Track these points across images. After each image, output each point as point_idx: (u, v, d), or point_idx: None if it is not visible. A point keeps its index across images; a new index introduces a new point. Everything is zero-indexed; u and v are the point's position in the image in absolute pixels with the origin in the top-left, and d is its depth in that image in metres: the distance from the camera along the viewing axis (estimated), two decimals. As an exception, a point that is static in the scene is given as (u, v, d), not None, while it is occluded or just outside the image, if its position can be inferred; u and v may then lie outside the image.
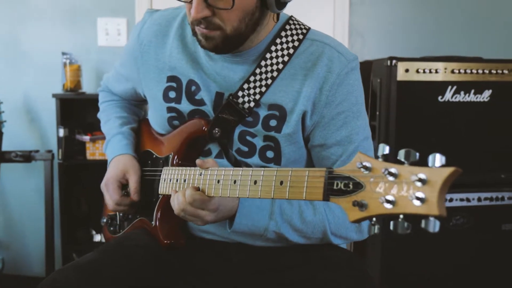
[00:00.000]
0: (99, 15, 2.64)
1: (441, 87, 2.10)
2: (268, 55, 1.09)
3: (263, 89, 1.09)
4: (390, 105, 2.09)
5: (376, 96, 2.13)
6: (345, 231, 1.11)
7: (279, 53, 1.09)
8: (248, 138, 1.12)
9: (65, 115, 2.47)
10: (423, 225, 0.65)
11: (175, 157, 1.16)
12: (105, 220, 1.33)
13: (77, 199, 2.63)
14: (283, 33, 1.11)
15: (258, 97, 1.09)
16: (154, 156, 1.22)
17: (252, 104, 1.09)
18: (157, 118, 1.21)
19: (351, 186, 0.73)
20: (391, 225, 0.69)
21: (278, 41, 1.10)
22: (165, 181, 1.14)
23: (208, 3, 0.98)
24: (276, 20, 1.12)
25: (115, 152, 1.26)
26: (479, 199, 2.13)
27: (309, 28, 1.14)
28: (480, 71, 2.11)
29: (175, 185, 1.10)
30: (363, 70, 1.16)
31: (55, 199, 2.53)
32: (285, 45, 1.10)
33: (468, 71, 2.11)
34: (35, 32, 2.66)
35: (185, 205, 1.00)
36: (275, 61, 1.09)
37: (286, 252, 1.13)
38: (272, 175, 0.88)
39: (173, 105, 1.17)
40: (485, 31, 2.70)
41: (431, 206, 0.64)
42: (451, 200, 2.12)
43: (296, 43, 1.10)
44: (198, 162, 1.03)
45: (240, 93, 1.10)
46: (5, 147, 2.55)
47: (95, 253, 1.10)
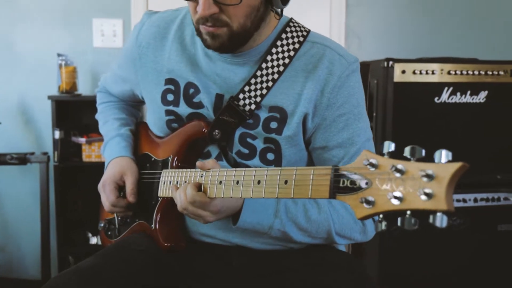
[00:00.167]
0: (95, 16, 2.62)
1: (438, 88, 2.11)
2: (269, 57, 1.09)
3: (264, 91, 1.09)
4: (386, 106, 2.09)
5: (373, 97, 2.14)
6: (350, 231, 1.11)
7: (280, 55, 1.09)
8: (248, 140, 1.11)
9: (60, 117, 2.45)
10: (431, 220, 0.65)
11: (175, 159, 1.15)
12: (102, 224, 1.32)
13: (73, 201, 2.61)
14: (283, 35, 1.11)
15: (259, 99, 1.09)
16: (152, 159, 1.21)
17: (253, 106, 1.09)
18: (156, 120, 1.21)
19: (357, 183, 0.73)
20: (398, 221, 0.69)
21: (279, 43, 1.10)
22: (164, 183, 1.13)
23: (215, 0, 0.98)
24: (280, 16, 1.12)
25: (114, 154, 1.25)
26: (475, 200, 2.14)
27: (309, 30, 1.14)
28: (476, 73, 2.13)
29: (175, 188, 1.08)
30: (360, 71, 1.16)
31: (51, 202, 2.51)
32: (285, 47, 1.10)
33: (464, 72, 2.12)
34: (30, 33, 2.64)
35: (187, 204, 1.00)
36: (276, 63, 1.09)
37: (286, 255, 1.13)
38: (276, 174, 0.88)
39: (171, 108, 1.16)
40: (480, 32, 2.72)
41: (440, 201, 0.64)
42: (448, 200, 2.12)
43: (296, 45, 1.10)
44: (198, 164, 1.02)
45: (241, 95, 1.09)
46: (0, 149, 2.54)
47: (94, 258, 1.09)
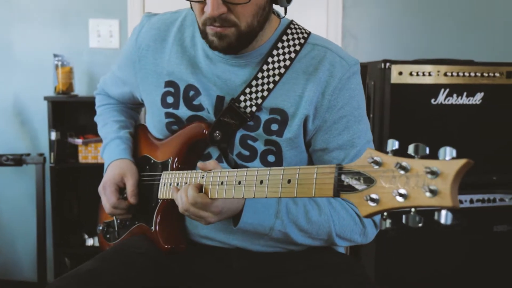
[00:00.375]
0: (91, 16, 2.61)
1: (434, 89, 2.12)
2: (270, 59, 1.09)
3: (265, 93, 1.09)
4: (384, 108, 2.10)
5: (370, 98, 2.15)
6: (350, 233, 1.11)
7: (281, 57, 1.10)
8: (249, 142, 1.11)
9: (57, 118, 2.44)
10: (436, 217, 0.66)
11: (175, 161, 1.14)
12: (101, 227, 1.31)
13: (69, 203, 2.60)
14: (284, 37, 1.11)
15: (260, 101, 1.09)
16: (152, 161, 1.21)
17: (254, 108, 1.09)
18: (156, 123, 1.20)
19: (362, 181, 0.73)
20: (403, 218, 0.69)
21: (280, 45, 1.10)
22: (165, 185, 1.13)
23: (224, 0, 0.97)
24: (284, 15, 1.12)
25: (113, 156, 1.25)
26: (471, 201, 2.15)
27: (310, 32, 1.14)
28: (472, 74, 2.14)
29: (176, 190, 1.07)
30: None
31: (47, 203, 2.49)
32: (286, 49, 1.10)
33: (460, 74, 2.13)
34: (25, 33, 2.63)
35: (188, 205, 0.99)
36: (277, 65, 1.09)
37: (286, 258, 1.13)
38: (279, 174, 0.88)
39: (171, 110, 1.16)
40: (476, 33, 2.74)
41: (445, 198, 0.64)
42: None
43: (297, 47, 1.10)
44: (200, 165, 1.01)
45: (242, 97, 1.09)
46: (-4, 150, 2.53)
47: (94, 261, 1.08)
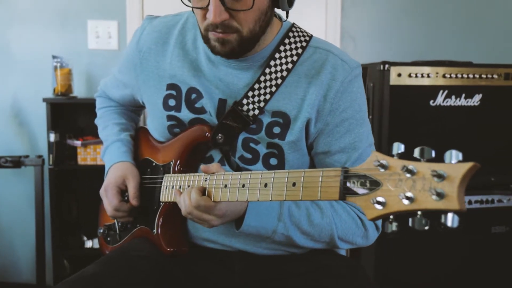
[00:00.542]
0: (90, 17, 2.61)
1: (433, 91, 2.13)
2: (272, 62, 1.09)
3: (268, 96, 1.09)
4: (383, 109, 2.11)
5: (369, 100, 2.15)
6: (352, 236, 1.11)
7: (283, 60, 1.10)
8: (251, 145, 1.11)
9: (56, 120, 2.43)
10: (442, 220, 0.66)
11: (177, 164, 1.14)
12: (101, 230, 1.30)
13: (68, 205, 2.59)
14: (286, 40, 1.11)
15: (262, 104, 1.09)
16: (153, 163, 1.20)
17: (256, 111, 1.09)
18: (157, 126, 1.20)
19: (368, 184, 0.74)
20: (409, 221, 0.69)
21: (282, 48, 1.10)
22: (167, 188, 1.12)
23: (226, 6, 0.97)
24: (286, 18, 1.12)
25: (114, 159, 1.24)
26: (470, 202, 2.16)
27: (311, 35, 1.15)
28: (470, 76, 2.15)
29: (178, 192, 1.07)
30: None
31: (46, 205, 2.49)
32: (289, 52, 1.10)
33: (459, 76, 2.14)
34: (24, 34, 2.62)
35: (191, 208, 0.99)
36: (279, 68, 1.09)
37: (288, 260, 1.13)
38: (283, 177, 0.88)
39: (173, 113, 1.16)
40: (475, 35, 2.75)
41: (452, 201, 0.65)
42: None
43: (299, 50, 1.10)
44: (203, 167, 1.01)
45: (244, 101, 1.09)
46: (-6, 152, 2.52)
47: (97, 265, 1.08)
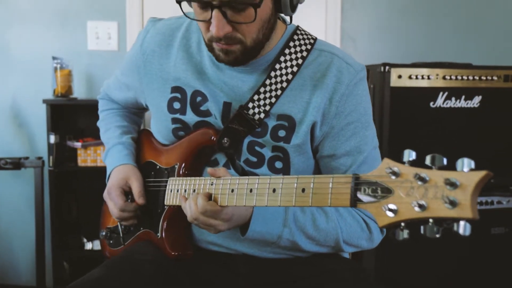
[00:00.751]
0: (89, 18, 2.60)
1: (433, 93, 2.14)
2: (277, 66, 1.09)
3: (273, 100, 1.09)
4: (383, 111, 2.12)
5: (369, 102, 2.16)
6: (357, 239, 1.11)
7: (288, 63, 1.09)
8: (256, 148, 1.11)
9: (56, 121, 2.42)
10: (455, 228, 0.66)
11: (182, 167, 1.13)
12: (104, 233, 1.29)
13: (68, 206, 2.58)
14: (291, 43, 1.11)
15: (268, 108, 1.09)
16: (157, 166, 1.20)
17: (262, 115, 1.09)
18: (161, 128, 1.19)
19: (379, 191, 0.74)
20: (421, 229, 0.70)
21: (287, 51, 1.10)
22: (171, 191, 1.12)
23: (228, 19, 0.97)
24: (289, 23, 1.12)
25: (115, 162, 1.24)
26: (469, 203, 2.17)
27: (316, 38, 1.14)
28: (470, 78, 2.16)
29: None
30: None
31: (46, 207, 2.48)
32: (294, 56, 1.10)
33: (459, 78, 2.15)
34: (23, 35, 2.60)
35: (198, 214, 0.99)
36: (284, 71, 1.09)
37: (293, 264, 1.13)
38: (292, 182, 0.87)
39: (178, 116, 1.15)
40: (474, 37, 2.76)
41: (465, 209, 0.65)
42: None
43: (304, 53, 1.10)
44: (209, 170, 1.01)
45: (250, 104, 1.09)
46: (-7, 153, 2.50)
47: (101, 269, 1.07)
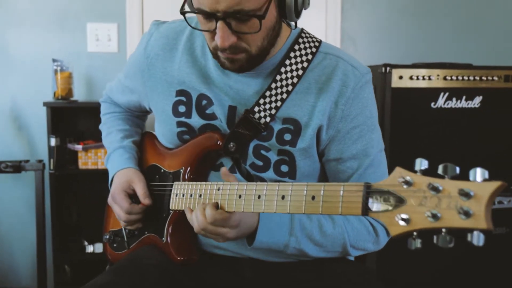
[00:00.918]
0: (89, 20, 2.58)
1: (434, 93, 2.14)
2: (282, 69, 1.09)
3: (279, 103, 1.08)
4: (384, 112, 2.11)
5: (371, 102, 2.16)
6: (363, 242, 1.12)
7: (294, 67, 1.09)
8: (262, 152, 1.11)
9: (56, 124, 2.41)
10: (468, 238, 0.67)
11: (187, 171, 1.13)
12: (107, 236, 1.28)
13: (69, 209, 2.58)
14: (296, 47, 1.10)
15: (274, 111, 1.08)
16: (162, 170, 1.19)
17: (268, 119, 1.08)
18: (166, 132, 1.19)
19: (391, 200, 0.74)
20: (434, 239, 0.70)
21: (292, 54, 1.10)
22: (177, 196, 1.11)
23: (233, 30, 0.97)
24: (294, 27, 1.11)
25: (117, 167, 1.23)
26: (470, 203, 2.18)
27: (321, 40, 1.14)
28: (471, 78, 2.16)
29: (189, 201, 1.07)
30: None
31: (46, 210, 2.47)
32: (299, 59, 1.10)
33: (459, 78, 2.15)
34: (23, 37, 2.59)
35: (206, 224, 0.98)
36: (289, 75, 1.09)
37: (299, 267, 1.12)
38: (302, 189, 0.87)
39: (183, 119, 1.15)
40: (474, 37, 2.76)
41: (479, 220, 0.65)
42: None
43: (309, 57, 1.10)
44: (223, 169, 1.00)
45: (256, 108, 1.09)
46: (-7, 156, 2.49)
47: (108, 274, 1.07)
